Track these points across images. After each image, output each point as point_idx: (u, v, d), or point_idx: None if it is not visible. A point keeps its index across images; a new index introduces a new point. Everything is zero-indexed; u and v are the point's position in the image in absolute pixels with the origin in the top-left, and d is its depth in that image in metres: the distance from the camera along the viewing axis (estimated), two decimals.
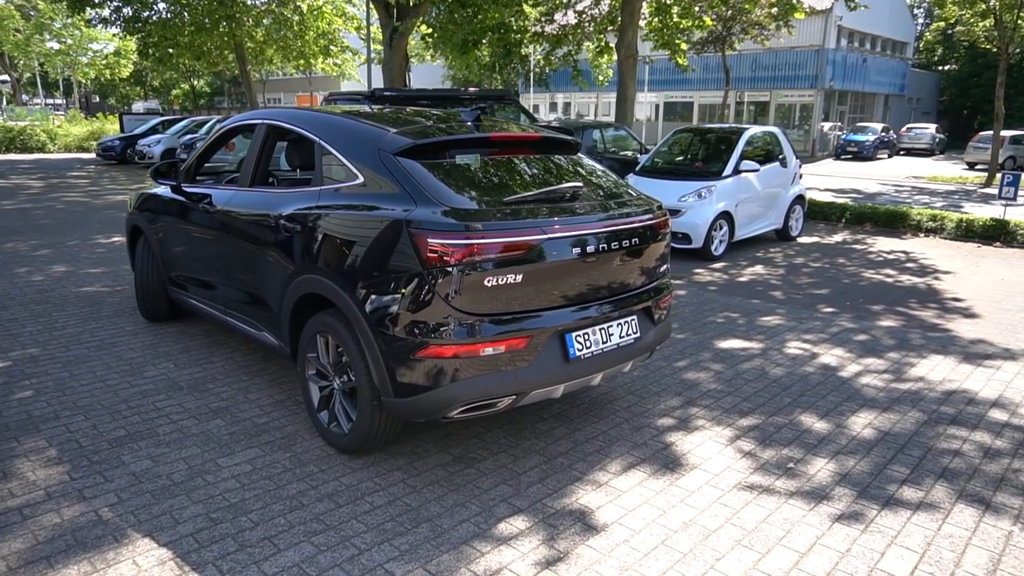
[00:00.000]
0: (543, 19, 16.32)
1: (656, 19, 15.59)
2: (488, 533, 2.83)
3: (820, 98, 33.02)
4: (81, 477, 3.17)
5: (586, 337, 3.23)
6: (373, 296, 3.04)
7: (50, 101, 55.73)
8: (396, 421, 3.26)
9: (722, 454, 3.54)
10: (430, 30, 16.58)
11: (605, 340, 3.31)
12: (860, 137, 30.50)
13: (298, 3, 24.00)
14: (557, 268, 3.09)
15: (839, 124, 34.47)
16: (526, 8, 15.55)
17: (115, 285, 6.58)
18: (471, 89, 13.00)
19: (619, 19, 13.67)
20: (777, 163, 9.43)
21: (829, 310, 6.34)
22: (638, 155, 10.97)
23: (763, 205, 9.28)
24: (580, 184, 3.39)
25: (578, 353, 3.18)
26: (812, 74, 32.32)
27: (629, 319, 3.45)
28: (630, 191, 3.77)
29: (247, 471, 3.26)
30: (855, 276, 7.78)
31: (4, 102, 46.72)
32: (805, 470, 3.38)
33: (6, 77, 50.95)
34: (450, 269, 2.86)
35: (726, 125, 10.29)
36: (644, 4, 16.10)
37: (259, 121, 4.17)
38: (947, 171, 24.19)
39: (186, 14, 22.52)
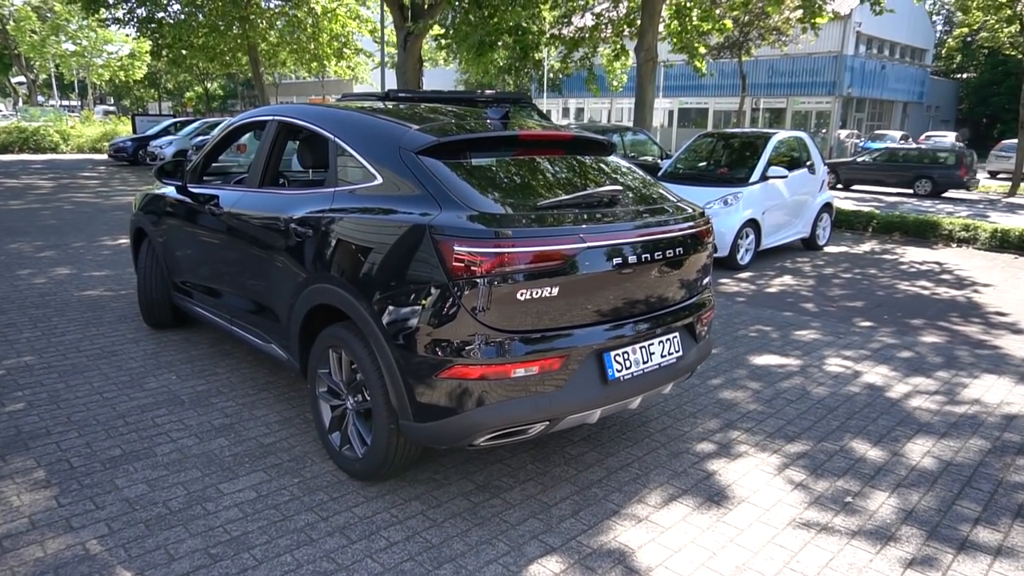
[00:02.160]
0: (560, 21, 16.04)
1: (675, 22, 15.28)
2: None
3: (838, 105, 32.58)
4: (70, 503, 2.89)
5: (626, 356, 2.92)
6: (391, 309, 2.75)
7: (66, 103, 56.00)
8: (415, 446, 2.97)
9: (771, 485, 3.22)
10: (443, 32, 16.33)
11: (646, 359, 3.00)
12: (878, 145, 30.00)
13: (312, 5, 23.88)
14: (596, 280, 2.79)
15: (857, 132, 33.98)
16: (544, 11, 15.29)
17: (119, 289, 6.33)
18: (486, 92, 12.76)
19: (638, 21, 13.37)
20: (805, 169, 9.10)
21: (867, 324, 6.00)
22: (659, 160, 10.65)
23: (791, 213, 8.95)
24: (619, 188, 3.09)
25: (617, 374, 2.87)
26: (830, 81, 31.90)
27: (671, 336, 3.14)
28: (670, 196, 3.47)
29: (251, 499, 2.97)
30: (889, 288, 7.43)
31: (20, 103, 46.93)
32: (865, 505, 3.05)
33: (22, 78, 51.26)
34: (478, 280, 2.56)
35: (753, 130, 9.97)
36: (664, 6, 15.82)
37: (270, 117, 3.89)
38: None
39: (200, 15, 22.45)
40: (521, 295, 2.60)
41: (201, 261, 4.34)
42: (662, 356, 3.07)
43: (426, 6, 15.22)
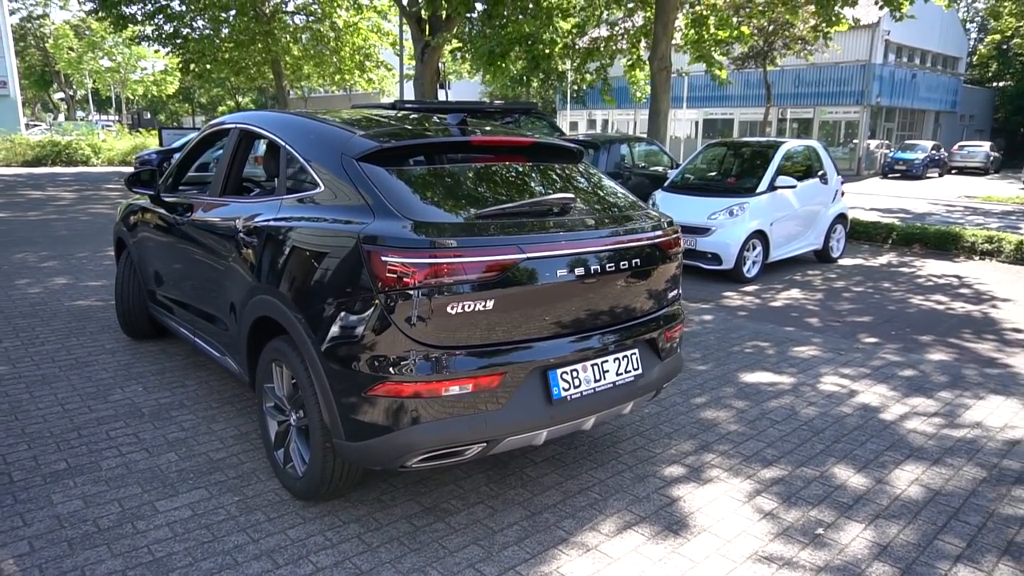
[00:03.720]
0: (574, 31, 15.92)
1: (692, 31, 15.06)
2: None
3: (866, 115, 31.91)
4: None
5: (574, 374, 2.75)
6: (323, 322, 2.62)
7: (103, 117, 57.57)
8: (354, 466, 2.83)
9: (738, 514, 3.00)
10: (460, 44, 16.35)
11: (598, 378, 2.83)
12: (909, 155, 29.34)
13: (334, 19, 24.17)
14: (539, 293, 2.63)
15: (886, 142, 33.27)
16: (558, 21, 15.19)
17: (109, 299, 6.31)
18: (496, 102, 12.65)
19: (653, 31, 13.20)
20: (817, 179, 8.81)
21: (871, 340, 5.72)
22: (669, 171, 10.44)
23: (801, 224, 8.66)
24: (572, 196, 2.93)
25: (564, 393, 2.70)
26: (858, 90, 31.26)
27: (629, 353, 2.96)
28: (637, 205, 3.30)
29: (186, 517, 2.86)
30: (902, 302, 7.11)
31: (62, 118, 48.34)
32: (836, 538, 2.83)
33: (62, 94, 52.90)
34: (409, 292, 2.42)
35: (761, 139, 9.71)
36: (680, 15, 15.62)
37: (232, 125, 3.82)
38: (1003, 191, 22.96)
39: (224, 30, 22.86)
40: (453, 308, 2.46)
41: (168, 271, 4.28)
42: (617, 374, 2.90)
43: (444, 18, 15.27)
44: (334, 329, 2.58)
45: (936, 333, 6.00)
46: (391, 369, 2.48)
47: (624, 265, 2.85)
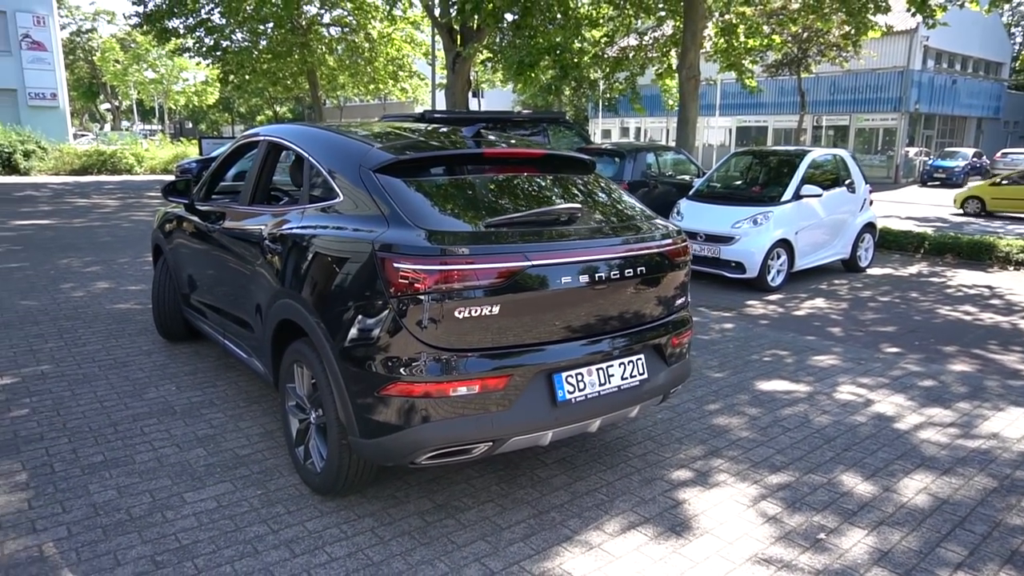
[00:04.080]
0: (603, 40, 16.02)
1: (722, 40, 15.06)
2: None
3: (904, 122, 31.31)
4: (40, 506, 3.01)
5: (579, 378, 2.85)
6: (340, 325, 2.77)
7: (147, 127, 59.39)
8: (368, 463, 2.97)
9: (741, 517, 3.07)
10: (490, 55, 16.58)
11: (603, 382, 2.92)
12: (948, 163, 28.68)
13: (368, 30, 24.67)
14: (545, 299, 2.75)
15: (926, 149, 32.59)
16: (587, 31, 15.33)
17: (148, 303, 6.58)
18: (524, 112, 12.77)
19: (681, 40, 13.24)
20: (844, 188, 8.76)
21: (893, 350, 5.69)
22: (695, 179, 10.45)
23: (828, 233, 8.62)
24: (578, 206, 3.04)
25: (568, 396, 2.81)
26: (895, 97, 30.71)
27: (634, 358, 3.05)
28: (645, 215, 3.39)
29: (211, 508, 3.03)
30: (928, 312, 7.04)
31: (108, 128, 49.96)
32: (838, 543, 2.87)
33: (108, 104, 54.71)
34: (420, 297, 2.56)
35: (788, 147, 9.68)
36: (710, 24, 15.62)
37: (261, 137, 4.02)
38: None
39: (262, 42, 23.50)
40: (462, 313, 2.58)
41: (200, 276, 4.50)
42: (622, 379, 2.99)
43: (475, 28, 15.53)
44: (350, 332, 2.73)
45: (961, 344, 5.94)
46: (403, 370, 2.61)
47: (629, 273, 2.95)
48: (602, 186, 3.54)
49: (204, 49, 23.03)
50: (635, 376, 3.04)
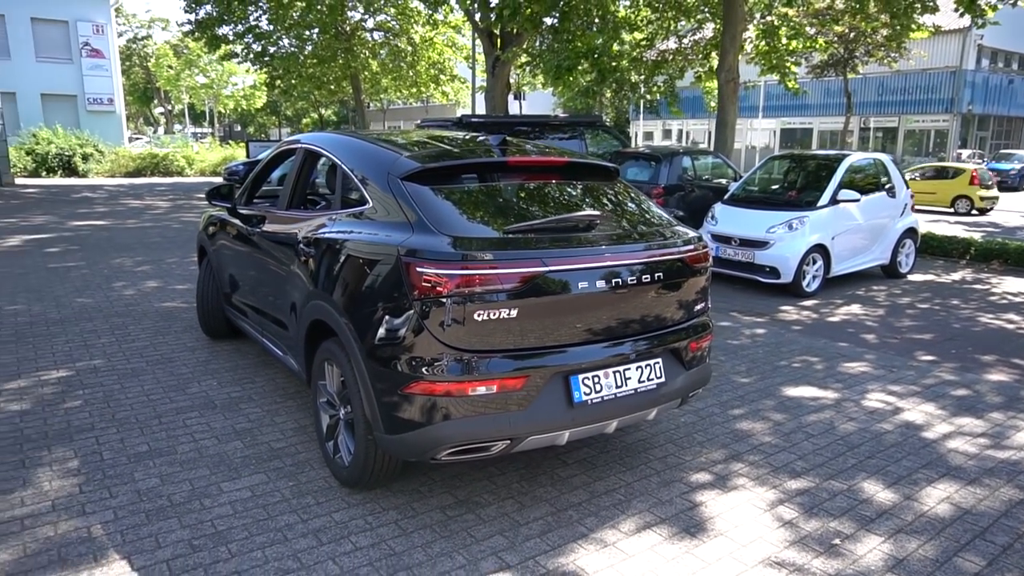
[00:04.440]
0: (643, 44, 15.99)
1: (763, 42, 14.88)
2: None
3: (956, 123, 30.39)
4: (90, 491, 3.22)
5: (596, 380, 2.94)
6: (366, 325, 2.91)
7: (198, 130, 61.23)
8: (392, 458, 3.10)
9: (757, 521, 3.10)
10: (528, 59, 16.70)
11: (620, 384, 3.00)
12: (1004, 166, 27.70)
13: (411, 35, 25.07)
14: (562, 303, 2.84)
15: (979, 151, 31.54)
16: (626, 35, 15.32)
17: (193, 302, 6.88)
18: (561, 115, 12.85)
19: (721, 43, 13.15)
20: (884, 193, 8.61)
21: (928, 358, 5.61)
22: (731, 183, 10.38)
23: (866, 238, 8.48)
24: (597, 213, 3.12)
25: (584, 397, 2.89)
26: (947, 97, 29.83)
27: (652, 362, 3.12)
28: (666, 222, 3.45)
29: (246, 497, 3.20)
30: (969, 320, 6.89)
31: (161, 131, 51.69)
32: (852, 549, 2.89)
33: (161, 108, 56.59)
34: (442, 301, 2.68)
35: (826, 151, 9.54)
36: (751, 27, 15.46)
37: (299, 145, 4.20)
38: None
39: (307, 47, 24.09)
40: (481, 316, 2.69)
41: (240, 276, 4.71)
42: (639, 382, 3.06)
43: (515, 33, 15.68)
44: (376, 332, 2.86)
45: (1000, 353, 5.81)
46: (425, 369, 2.74)
47: (646, 278, 3.02)
48: (625, 193, 3.61)
49: (252, 55, 23.71)
50: (652, 379, 3.10)
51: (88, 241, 10.61)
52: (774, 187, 9.12)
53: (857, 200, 8.01)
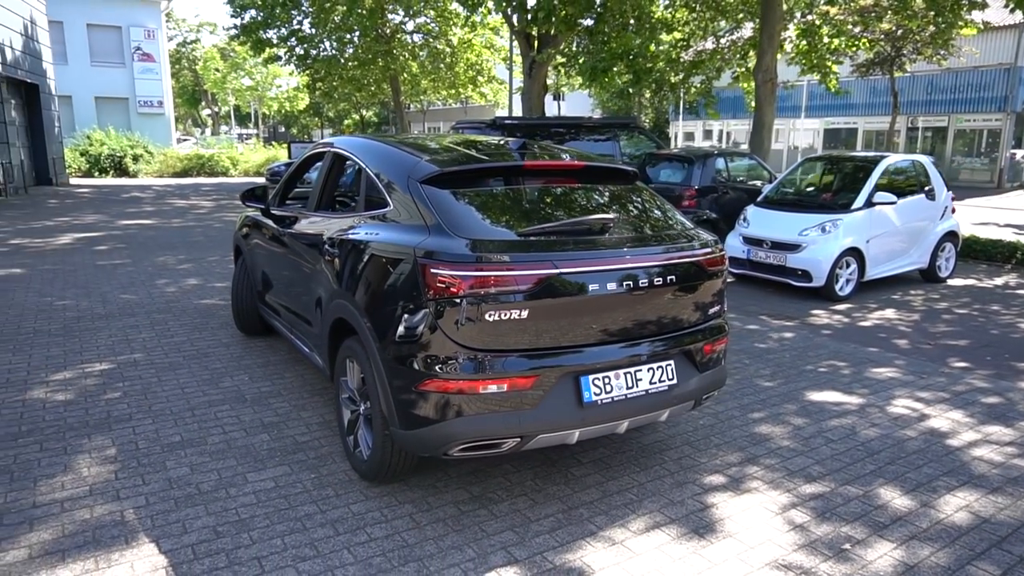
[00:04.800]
0: (680, 44, 15.88)
1: (804, 41, 14.63)
2: None
3: (1010, 123, 29.29)
4: (125, 477, 3.40)
5: (606, 381, 2.99)
6: (384, 324, 3.02)
7: (243, 131, 62.69)
8: (408, 453, 3.20)
9: (767, 524, 3.11)
10: (564, 60, 16.73)
11: (631, 385, 3.05)
12: None
13: (449, 37, 25.32)
14: (574, 305, 2.90)
15: None
16: (662, 36, 15.23)
17: (228, 300, 7.12)
18: (595, 117, 12.85)
19: (758, 43, 12.98)
20: (922, 195, 8.42)
21: (961, 365, 5.49)
22: (765, 185, 10.26)
23: (904, 241, 8.30)
24: (610, 216, 3.17)
25: (595, 398, 2.95)
26: (1000, 96, 28.77)
27: (664, 364, 3.15)
28: (683, 225, 3.48)
29: (269, 488, 3.34)
30: (1008, 327, 6.70)
31: (208, 132, 53.13)
32: (862, 554, 2.89)
33: (209, 110, 58.16)
34: (456, 301, 2.77)
35: (865, 153, 9.35)
36: (792, 26, 15.22)
37: (327, 149, 4.34)
38: None
39: (348, 50, 24.53)
40: (493, 316, 2.77)
41: (272, 275, 4.88)
42: (651, 383, 3.10)
43: (552, 34, 15.75)
44: (394, 331, 2.96)
45: None
46: (439, 368, 2.83)
47: (658, 281, 3.05)
48: (642, 196, 3.65)
49: (295, 58, 24.25)
50: (664, 381, 3.14)
51: (135, 240, 11.03)
52: (808, 189, 8.99)
53: (893, 203, 7.85)
